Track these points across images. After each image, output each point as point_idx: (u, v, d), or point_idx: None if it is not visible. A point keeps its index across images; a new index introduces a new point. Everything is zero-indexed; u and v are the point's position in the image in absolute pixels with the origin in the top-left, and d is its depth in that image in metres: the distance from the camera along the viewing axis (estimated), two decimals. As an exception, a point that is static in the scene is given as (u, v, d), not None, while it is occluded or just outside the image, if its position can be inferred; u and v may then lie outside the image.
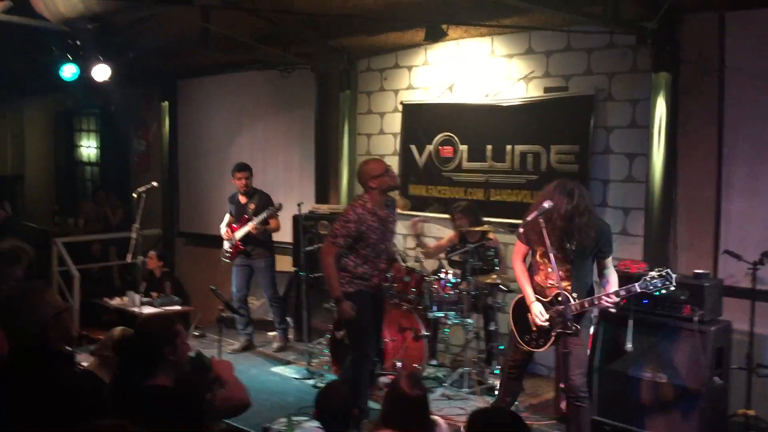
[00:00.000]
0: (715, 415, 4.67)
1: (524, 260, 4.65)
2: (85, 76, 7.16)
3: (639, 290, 4.14)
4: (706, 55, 5.35)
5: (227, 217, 7.15)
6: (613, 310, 4.51)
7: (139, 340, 3.07)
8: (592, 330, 4.49)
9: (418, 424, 3.38)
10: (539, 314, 4.40)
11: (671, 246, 5.51)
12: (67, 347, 3.12)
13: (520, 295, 4.63)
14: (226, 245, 7.06)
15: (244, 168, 7.01)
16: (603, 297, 4.23)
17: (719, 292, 4.79)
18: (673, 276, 4.07)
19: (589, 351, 4.49)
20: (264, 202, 6.92)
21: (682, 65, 5.43)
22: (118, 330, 4.15)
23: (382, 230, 5.04)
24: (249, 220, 6.81)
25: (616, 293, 4.21)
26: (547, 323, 4.37)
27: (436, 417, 3.61)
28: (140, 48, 7.10)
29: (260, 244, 6.95)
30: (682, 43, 5.43)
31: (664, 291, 4.11)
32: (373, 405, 4.97)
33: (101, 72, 7.21)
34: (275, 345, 7.08)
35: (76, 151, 12.16)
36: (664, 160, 5.45)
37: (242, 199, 7.01)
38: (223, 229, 7.09)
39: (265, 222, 6.78)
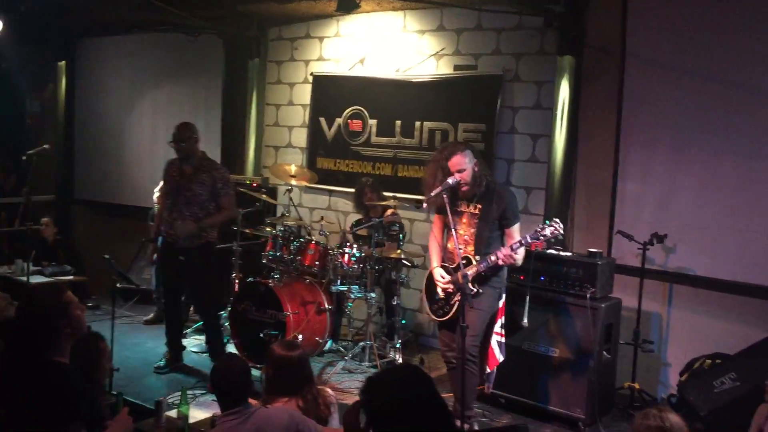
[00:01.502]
0: (604, 387, 4.88)
1: (441, 231, 4.66)
2: (-27, 29, 6.68)
3: (530, 240, 4.21)
4: (609, 41, 5.51)
5: (161, 182, 6.77)
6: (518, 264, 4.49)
7: (29, 314, 2.82)
8: (502, 302, 4.53)
9: (303, 385, 3.41)
10: (440, 277, 4.46)
11: (569, 225, 5.67)
12: None
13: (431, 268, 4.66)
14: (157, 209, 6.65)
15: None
16: (497, 252, 4.28)
17: (611, 271, 4.98)
18: (561, 225, 4.15)
19: (498, 322, 4.52)
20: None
21: (586, 49, 5.57)
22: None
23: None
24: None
25: (510, 246, 4.28)
26: (448, 286, 4.42)
27: (329, 391, 3.60)
28: (33, 1, 6.65)
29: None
30: (587, 28, 5.57)
31: (553, 239, 4.19)
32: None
33: (-9, 25, 6.74)
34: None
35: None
36: (565, 141, 5.59)
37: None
38: (156, 194, 6.72)
39: None
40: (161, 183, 6.76)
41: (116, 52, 8.78)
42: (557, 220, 4.20)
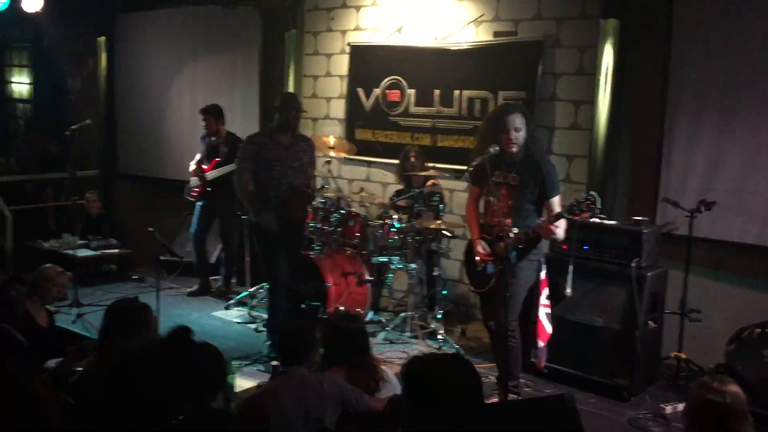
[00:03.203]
0: (649, 357, 4.82)
1: (477, 203, 4.62)
2: (15, 6, 6.77)
3: (567, 215, 4.13)
4: (655, 2, 5.34)
5: (198, 156, 6.94)
6: (560, 237, 4.41)
7: None
8: (544, 273, 4.49)
9: (358, 356, 3.43)
10: (480, 249, 4.42)
11: (613, 194, 5.57)
12: None
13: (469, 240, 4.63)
14: (193, 182, 6.87)
15: (205, 110, 6.84)
16: (533, 226, 4.22)
17: (657, 239, 4.89)
18: (598, 199, 4.04)
19: (544, 293, 4.49)
20: (235, 145, 6.47)
21: (631, 12, 5.41)
22: (46, 267, 4.03)
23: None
24: (221, 162, 6.63)
25: (546, 219, 4.22)
26: (489, 258, 4.39)
27: (386, 370, 3.61)
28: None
29: (227, 189, 6.47)
30: (632, -10, 5.40)
31: (589, 213, 4.08)
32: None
33: (32, 2, 6.84)
34: (218, 290, 7.00)
35: (6, 88, 11.56)
36: (609, 107, 5.46)
37: (214, 140, 6.83)
38: (192, 166, 6.87)
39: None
40: (197, 155, 6.88)
41: (154, 26, 8.81)
42: (593, 193, 4.09)
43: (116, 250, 7.60)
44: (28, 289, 4.15)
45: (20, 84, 11.37)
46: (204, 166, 6.80)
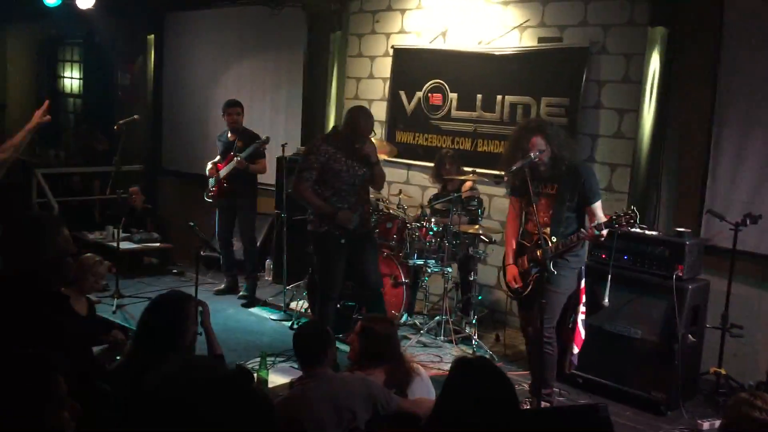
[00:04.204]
0: (688, 371, 4.72)
1: (519, 214, 4.55)
2: (68, 2, 6.94)
3: (604, 227, 4.08)
4: (705, 10, 5.25)
5: (217, 157, 6.88)
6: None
7: None
8: (583, 282, 4.44)
9: (391, 358, 3.44)
10: (513, 280, 4.43)
11: (656, 204, 5.47)
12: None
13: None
14: (210, 183, 6.82)
15: (235, 104, 6.73)
16: (573, 236, 4.18)
17: (699, 251, 4.79)
18: (637, 213, 4.00)
19: (581, 304, 4.45)
20: (251, 140, 6.67)
21: (680, 20, 5.32)
22: (86, 256, 4.12)
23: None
24: (234, 156, 6.54)
25: (586, 229, 4.18)
26: (518, 283, 4.39)
27: (418, 366, 3.61)
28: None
29: (244, 184, 6.70)
30: (681, -3, 5.31)
31: (628, 227, 4.04)
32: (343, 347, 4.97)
33: (86, -1, 7.00)
34: (241, 292, 6.80)
35: (58, 82, 11.88)
36: (654, 116, 5.38)
37: (231, 137, 6.73)
38: (209, 166, 6.85)
39: (251, 157, 6.52)
40: (218, 156, 6.82)
41: (202, 25, 8.97)
42: (634, 208, 4.04)
43: (157, 244, 7.73)
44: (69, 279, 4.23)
45: (71, 79, 11.68)
46: (219, 164, 6.75)
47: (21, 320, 2.37)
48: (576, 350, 4.49)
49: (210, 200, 6.89)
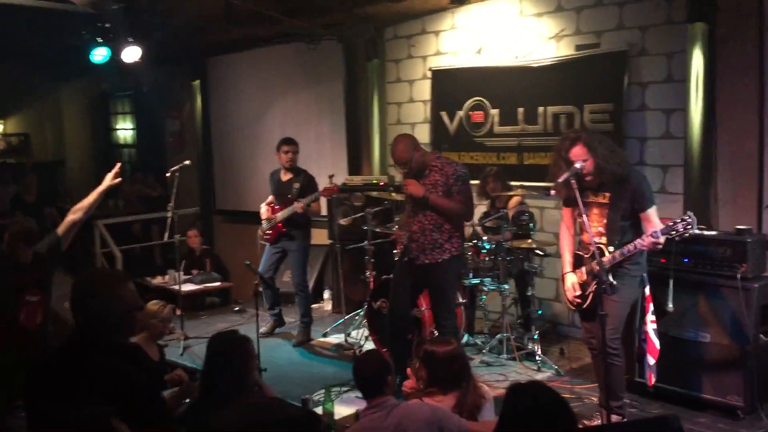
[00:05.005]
0: (763, 372, 4.56)
1: (572, 224, 4.53)
2: (116, 58, 7.21)
3: (661, 235, 3.98)
4: (744, 3, 5.13)
5: (270, 197, 6.66)
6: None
7: None
8: (648, 289, 4.35)
9: (460, 380, 3.43)
10: (570, 288, 4.37)
11: (712, 202, 5.34)
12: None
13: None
14: (265, 225, 6.54)
15: (290, 141, 6.46)
16: (630, 245, 4.10)
17: (762, 248, 4.65)
18: (695, 219, 3.90)
19: (648, 312, 4.35)
20: (308, 181, 6.44)
21: (719, 14, 5.22)
22: (149, 303, 4.25)
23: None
24: (293, 199, 6.27)
25: (641, 239, 4.09)
26: (577, 294, 4.33)
27: (484, 386, 3.60)
28: (166, 27, 7.11)
29: (298, 226, 6.45)
30: (718, -9, 5.22)
31: (686, 234, 3.93)
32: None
33: (131, 53, 7.26)
34: (297, 339, 6.53)
35: (112, 134, 12.33)
36: (702, 114, 5.27)
37: (284, 177, 6.48)
38: (263, 208, 6.58)
39: (311, 202, 6.26)
40: (270, 197, 6.59)
41: (243, 67, 9.21)
42: (690, 213, 3.95)
43: (218, 283, 7.90)
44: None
45: (124, 130, 12.10)
46: (275, 206, 6.52)
47: (93, 375, 2.46)
48: (652, 361, 4.36)
49: (266, 242, 6.60)
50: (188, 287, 7.54)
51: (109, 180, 4.61)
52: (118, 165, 4.73)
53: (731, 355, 4.46)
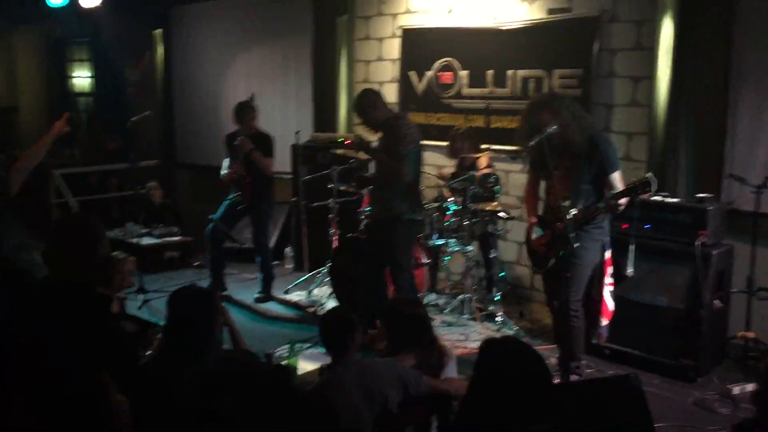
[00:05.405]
0: (715, 337, 4.71)
1: (536, 186, 4.62)
2: (74, 2, 6.95)
3: (622, 196, 4.05)
4: (716, -28, 5.17)
5: (226, 161, 6.35)
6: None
7: None
8: (608, 254, 4.43)
9: (422, 340, 3.44)
10: (533, 236, 4.44)
11: (675, 170, 5.42)
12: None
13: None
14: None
15: (246, 109, 6.17)
16: (591, 207, 4.17)
17: (722, 216, 4.76)
18: (655, 180, 3.93)
19: (606, 275, 4.44)
20: (266, 142, 6.23)
21: (691, -17, 5.24)
22: (112, 255, 4.17)
23: None
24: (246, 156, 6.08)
25: (603, 199, 4.16)
26: (542, 241, 4.38)
27: (446, 345, 3.63)
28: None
29: (260, 186, 6.26)
30: (691, -41, 5.23)
31: (646, 193, 3.98)
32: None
33: (91, -3, 7.00)
34: (259, 296, 6.43)
35: (69, 82, 11.94)
36: (669, 82, 5.32)
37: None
38: (223, 172, 6.35)
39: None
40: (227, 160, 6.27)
41: (208, 16, 8.96)
42: (651, 174, 3.98)
43: (178, 238, 7.78)
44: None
45: (81, 78, 11.72)
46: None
47: (75, 325, 2.41)
48: (605, 322, 4.49)
49: (244, 204, 6.26)
50: (147, 241, 7.41)
51: (57, 129, 4.45)
52: (67, 114, 4.55)
53: (687, 320, 4.59)
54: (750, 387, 4.25)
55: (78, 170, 9.30)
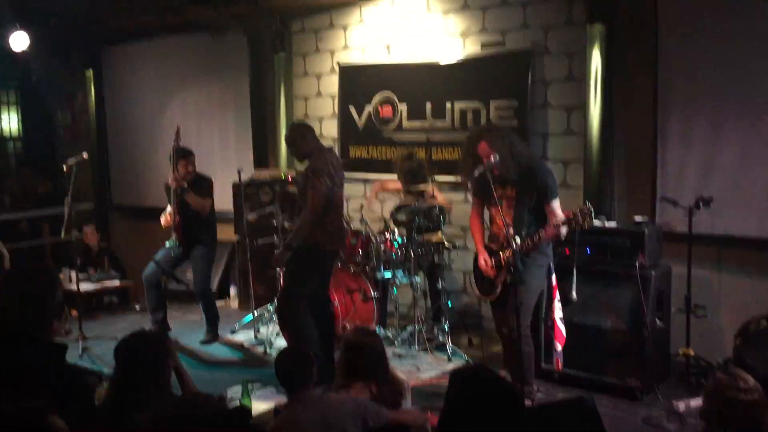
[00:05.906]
0: (658, 356, 4.85)
1: (481, 214, 4.73)
2: (2, 44, 6.78)
3: (563, 226, 4.21)
4: (640, 6, 5.43)
5: (169, 207, 6.23)
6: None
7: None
8: (554, 279, 4.54)
9: (377, 371, 3.44)
10: (483, 261, 4.51)
11: (611, 195, 5.62)
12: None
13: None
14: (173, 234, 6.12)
15: (186, 154, 6.10)
16: (533, 235, 4.29)
17: (658, 238, 4.94)
18: (591, 209, 4.12)
19: (555, 300, 4.54)
20: (205, 186, 6.21)
21: (617, 16, 5.49)
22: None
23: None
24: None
25: (544, 229, 4.29)
26: (492, 270, 4.46)
27: (402, 376, 3.63)
28: (61, 13, 6.74)
29: (205, 229, 6.22)
30: (616, -5, 5.49)
31: (585, 223, 4.12)
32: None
33: (19, 40, 6.85)
34: (205, 337, 6.30)
35: (-4, 126, 11.54)
36: (601, 111, 5.53)
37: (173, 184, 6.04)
38: (164, 217, 6.27)
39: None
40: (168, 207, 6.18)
41: (142, 57, 8.85)
42: (589, 204, 4.16)
43: (117, 282, 7.58)
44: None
45: (9, 122, 11.35)
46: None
47: (29, 374, 2.36)
48: (559, 348, 4.57)
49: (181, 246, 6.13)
50: (85, 287, 7.18)
51: None
52: None
53: (630, 340, 4.72)
54: (694, 402, 4.37)
55: (7, 217, 8.96)
